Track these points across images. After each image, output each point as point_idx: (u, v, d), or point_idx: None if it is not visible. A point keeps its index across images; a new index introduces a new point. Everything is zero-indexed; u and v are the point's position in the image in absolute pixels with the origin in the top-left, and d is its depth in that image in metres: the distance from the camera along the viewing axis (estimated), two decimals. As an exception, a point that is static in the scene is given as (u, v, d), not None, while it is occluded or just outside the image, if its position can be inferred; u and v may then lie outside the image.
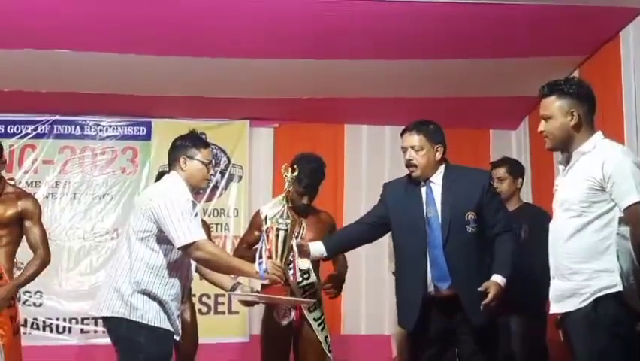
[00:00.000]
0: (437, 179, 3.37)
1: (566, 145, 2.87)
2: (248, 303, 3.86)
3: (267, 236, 3.15)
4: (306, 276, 3.75)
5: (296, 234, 3.62)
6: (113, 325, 3.20)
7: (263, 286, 3.22)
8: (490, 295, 3.17)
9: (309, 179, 3.71)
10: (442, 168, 3.38)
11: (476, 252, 3.28)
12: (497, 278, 3.21)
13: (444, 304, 3.29)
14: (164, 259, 3.16)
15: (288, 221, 3.14)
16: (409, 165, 3.38)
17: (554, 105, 2.86)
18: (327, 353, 3.93)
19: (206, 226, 4.80)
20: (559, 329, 3.08)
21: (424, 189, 3.39)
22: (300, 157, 3.80)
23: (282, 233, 3.12)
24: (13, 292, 3.84)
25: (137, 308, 3.12)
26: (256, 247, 3.34)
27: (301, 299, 3.62)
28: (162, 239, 3.13)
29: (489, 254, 3.31)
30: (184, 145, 3.33)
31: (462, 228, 3.26)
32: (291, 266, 3.39)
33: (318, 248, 3.45)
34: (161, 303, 3.16)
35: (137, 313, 3.13)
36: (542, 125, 2.91)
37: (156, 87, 5.42)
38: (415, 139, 3.36)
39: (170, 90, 5.49)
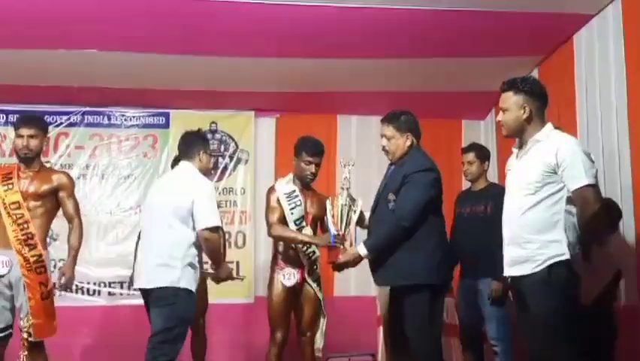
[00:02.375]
0: (398, 162, 3.42)
1: (518, 134, 2.95)
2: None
3: (333, 212, 3.37)
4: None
5: (308, 207, 3.71)
6: (164, 293, 3.32)
7: (329, 249, 3.43)
8: (342, 258, 3.30)
9: (315, 148, 3.77)
10: (408, 154, 3.41)
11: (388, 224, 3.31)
12: (359, 247, 3.28)
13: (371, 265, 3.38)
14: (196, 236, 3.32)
15: (350, 200, 3.38)
16: (383, 149, 3.46)
17: (510, 100, 2.92)
18: (324, 311, 3.99)
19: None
20: (509, 289, 3.12)
21: (391, 169, 3.48)
22: (303, 136, 3.85)
23: (345, 208, 3.37)
24: (74, 266, 3.83)
25: (185, 278, 3.30)
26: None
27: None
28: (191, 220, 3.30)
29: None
30: (200, 141, 3.54)
31: (385, 204, 3.34)
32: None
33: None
34: (196, 271, 3.34)
35: (184, 281, 3.30)
36: (500, 116, 2.99)
37: (174, 82, 5.42)
38: (387, 129, 3.42)
39: (186, 84, 5.48)
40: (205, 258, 4.81)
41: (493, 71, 4.99)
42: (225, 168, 6.08)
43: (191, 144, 3.63)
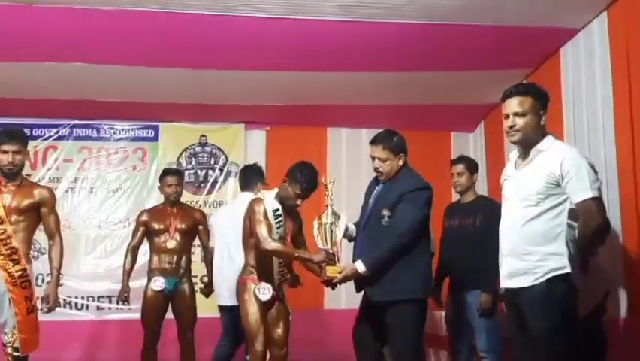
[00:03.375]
0: (389, 181, 3.44)
1: (531, 141, 2.81)
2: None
3: (320, 230, 3.41)
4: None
5: (285, 229, 3.70)
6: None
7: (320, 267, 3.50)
8: (340, 275, 3.30)
9: (311, 186, 3.68)
10: (399, 172, 3.44)
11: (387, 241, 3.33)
12: (357, 264, 3.30)
13: (360, 281, 3.40)
14: None
15: (333, 218, 3.42)
16: (376, 171, 3.46)
17: (530, 104, 2.79)
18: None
19: (203, 215, 4.88)
20: (501, 302, 3.10)
21: (378, 187, 3.50)
22: (303, 164, 3.75)
23: (329, 226, 3.39)
24: (57, 287, 3.79)
25: None
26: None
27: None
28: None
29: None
30: (258, 174, 4.48)
31: (378, 220, 3.35)
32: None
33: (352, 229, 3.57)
34: None
35: None
36: (514, 121, 2.79)
37: (163, 95, 5.43)
38: (380, 152, 3.41)
39: (175, 98, 5.50)
40: (194, 272, 4.87)
41: (481, 84, 5.07)
42: (215, 181, 6.10)
43: (250, 177, 4.45)
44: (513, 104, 2.82)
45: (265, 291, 3.68)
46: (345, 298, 5.71)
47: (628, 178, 3.69)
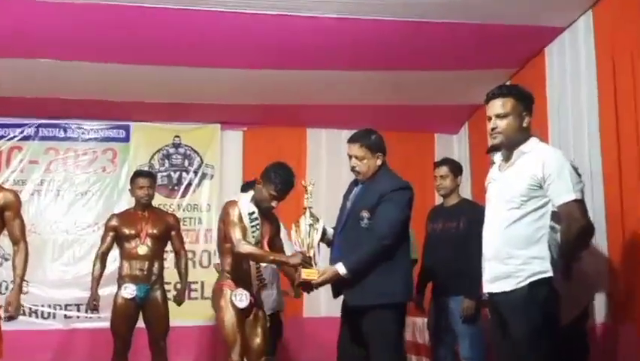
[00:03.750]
0: (367, 181, 3.49)
1: (513, 143, 2.87)
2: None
3: (298, 233, 3.42)
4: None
5: (262, 233, 3.74)
6: None
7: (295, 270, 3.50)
8: (320, 278, 3.31)
9: (286, 187, 3.71)
10: (378, 172, 3.48)
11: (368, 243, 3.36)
12: (338, 266, 3.32)
13: (338, 285, 3.42)
14: None
15: (312, 220, 3.43)
16: (352, 170, 3.50)
17: (511, 105, 2.84)
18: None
19: (176, 220, 4.90)
20: (485, 307, 3.16)
21: (356, 187, 3.54)
22: (277, 165, 3.79)
23: (308, 229, 3.40)
24: (20, 294, 3.67)
25: None
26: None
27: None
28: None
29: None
30: None
31: (356, 222, 3.38)
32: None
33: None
34: None
35: None
36: (495, 123, 2.85)
37: (135, 94, 5.42)
38: (358, 150, 3.45)
39: (147, 96, 5.48)
40: (167, 278, 4.88)
41: (466, 84, 5.15)
42: (190, 183, 6.11)
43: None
44: (495, 106, 2.89)
45: (242, 297, 3.69)
46: (325, 306, 5.75)
47: (613, 181, 3.78)
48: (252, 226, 3.69)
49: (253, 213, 3.72)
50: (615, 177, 3.77)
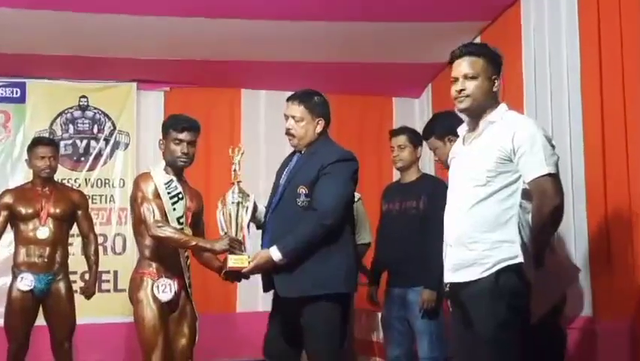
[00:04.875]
0: (306, 151, 3.51)
1: (481, 110, 2.93)
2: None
3: (224, 211, 3.42)
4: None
5: (187, 202, 3.72)
6: None
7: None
8: (251, 265, 3.34)
9: (177, 122, 3.75)
10: (317, 141, 3.51)
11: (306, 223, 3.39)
12: (271, 250, 3.34)
13: (270, 274, 3.45)
14: None
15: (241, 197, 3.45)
16: (287, 133, 3.52)
17: (481, 66, 2.90)
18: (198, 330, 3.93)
19: (83, 197, 4.84)
20: (447, 299, 3.21)
21: (294, 158, 3.56)
22: (176, 114, 3.88)
23: (235, 207, 3.42)
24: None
25: None
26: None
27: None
28: None
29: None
30: None
31: (292, 199, 3.42)
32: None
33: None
34: None
35: None
36: (463, 84, 2.90)
37: (31, 44, 5.30)
38: (296, 109, 3.49)
39: (46, 48, 5.38)
40: (73, 267, 4.81)
41: (429, 39, 5.17)
42: (100, 154, 6.04)
43: None
44: (463, 66, 2.93)
45: (166, 288, 3.66)
46: (263, 300, 5.74)
47: (595, 155, 3.85)
48: (172, 198, 3.66)
49: (171, 181, 3.70)
50: (598, 152, 3.83)
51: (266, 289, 3.55)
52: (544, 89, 4.39)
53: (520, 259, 2.81)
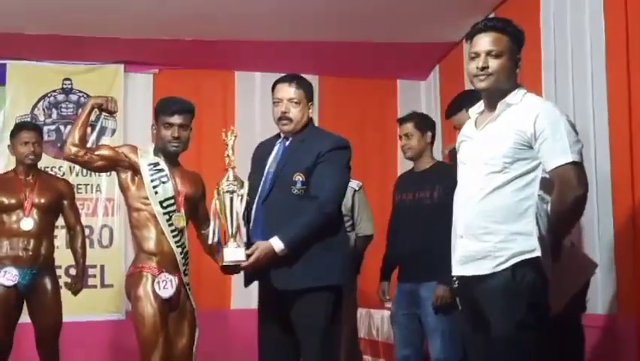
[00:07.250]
0: (294, 137, 3.52)
1: (502, 91, 2.88)
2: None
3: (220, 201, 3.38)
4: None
5: (178, 185, 3.75)
6: None
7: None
8: (252, 258, 3.29)
9: (169, 104, 3.77)
10: (306, 127, 3.54)
11: (298, 214, 3.39)
12: (273, 241, 3.32)
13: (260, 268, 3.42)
14: None
15: (235, 185, 3.40)
16: (283, 117, 3.49)
17: (505, 44, 2.85)
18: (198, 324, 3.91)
19: (69, 186, 4.84)
20: (456, 294, 3.17)
21: (278, 146, 3.55)
22: (167, 97, 3.90)
23: (229, 197, 3.37)
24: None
25: None
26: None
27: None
28: None
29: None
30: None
31: (286, 188, 3.40)
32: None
33: None
34: None
35: None
36: (485, 61, 2.83)
37: (12, 24, 5.28)
38: (294, 92, 3.50)
39: (27, 27, 5.38)
40: (58, 261, 4.78)
41: (437, 16, 5.11)
42: (84, 140, 6.00)
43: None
44: (486, 42, 2.86)
45: (167, 284, 3.61)
46: (257, 297, 5.78)
47: (622, 144, 3.79)
48: (155, 181, 3.64)
49: (157, 164, 3.68)
50: (625, 136, 3.77)
51: (247, 283, 3.52)
52: (565, 73, 4.32)
53: (538, 253, 2.76)
